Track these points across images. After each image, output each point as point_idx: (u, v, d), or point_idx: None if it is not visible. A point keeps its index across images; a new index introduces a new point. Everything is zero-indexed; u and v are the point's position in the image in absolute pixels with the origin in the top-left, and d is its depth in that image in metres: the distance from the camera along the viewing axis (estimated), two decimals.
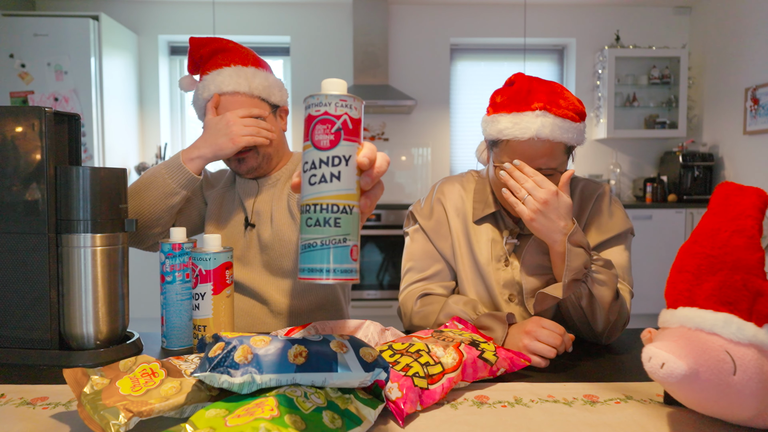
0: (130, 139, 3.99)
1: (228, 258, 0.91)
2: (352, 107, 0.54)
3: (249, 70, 1.20)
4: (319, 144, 0.53)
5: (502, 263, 1.10)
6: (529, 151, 0.99)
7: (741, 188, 0.66)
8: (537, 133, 0.96)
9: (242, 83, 1.18)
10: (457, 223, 1.14)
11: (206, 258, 0.88)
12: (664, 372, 0.60)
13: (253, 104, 1.19)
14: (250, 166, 1.22)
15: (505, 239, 1.10)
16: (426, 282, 1.14)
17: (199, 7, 4.11)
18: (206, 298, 0.89)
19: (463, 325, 0.92)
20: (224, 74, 1.18)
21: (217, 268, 0.89)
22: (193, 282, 0.90)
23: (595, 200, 1.12)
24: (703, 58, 4.09)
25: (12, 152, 0.86)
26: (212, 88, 1.18)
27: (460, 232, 1.14)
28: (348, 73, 4.15)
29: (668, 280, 0.69)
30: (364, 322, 0.89)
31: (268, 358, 0.61)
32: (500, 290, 1.10)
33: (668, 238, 3.65)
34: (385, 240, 3.57)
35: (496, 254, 1.10)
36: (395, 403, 0.65)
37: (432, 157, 4.27)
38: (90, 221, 0.87)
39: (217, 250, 0.89)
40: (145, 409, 0.59)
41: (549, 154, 0.99)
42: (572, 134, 1.00)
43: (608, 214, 1.10)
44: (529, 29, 4.18)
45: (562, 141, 0.99)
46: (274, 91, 1.23)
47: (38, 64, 3.40)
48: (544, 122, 0.97)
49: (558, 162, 1.01)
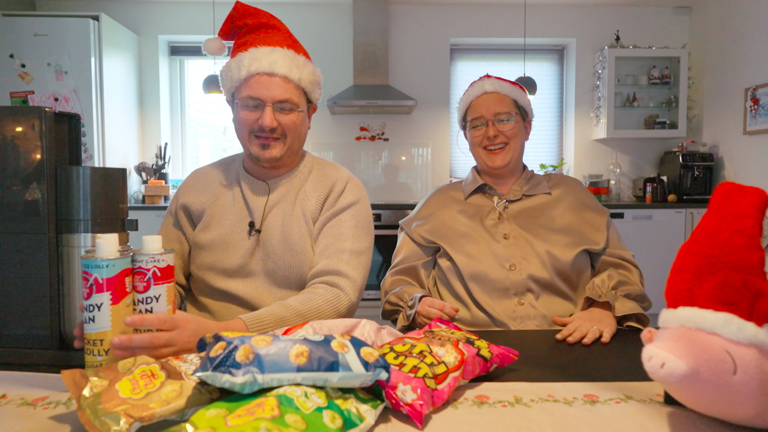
0: (130, 139, 3.99)
1: (127, 264, 0.79)
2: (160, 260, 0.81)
3: (301, 58, 1.15)
4: None
5: (497, 218, 1.33)
6: (485, 104, 1.34)
7: (741, 188, 0.66)
8: (485, 89, 1.35)
9: (294, 70, 1.12)
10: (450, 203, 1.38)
11: (102, 265, 0.76)
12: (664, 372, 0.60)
13: (297, 95, 1.14)
14: (273, 155, 1.15)
15: (496, 202, 1.35)
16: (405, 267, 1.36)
17: (199, 7, 4.11)
18: (103, 309, 0.76)
19: (446, 325, 0.93)
20: (278, 54, 1.11)
21: (115, 275, 0.77)
22: (86, 293, 0.76)
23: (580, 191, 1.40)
24: (703, 58, 4.09)
25: (12, 152, 0.86)
26: (264, 64, 1.10)
27: (454, 210, 1.36)
28: (348, 73, 4.15)
29: (668, 280, 0.69)
30: (360, 321, 0.89)
31: (270, 357, 0.61)
32: (499, 239, 1.30)
33: (668, 238, 3.65)
34: (384, 240, 3.57)
35: (491, 217, 1.33)
36: (412, 406, 0.65)
37: (432, 157, 4.27)
38: (90, 221, 0.87)
39: (113, 256, 0.77)
40: (146, 414, 0.59)
41: (501, 102, 1.34)
42: (514, 90, 1.37)
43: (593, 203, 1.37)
44: (529, 29, 4.18)
45: (507, 94, 1.35)
46: (316, 88, 1.20)
47: (38, 64, 3.40)
48: (489, 82, 1.36)
49: (509, 109, 1.34)
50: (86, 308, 0.76)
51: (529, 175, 1.40)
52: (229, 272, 1.18)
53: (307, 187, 1.23)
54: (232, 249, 1.18)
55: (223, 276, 1.18)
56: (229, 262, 1.17)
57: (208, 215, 1.22)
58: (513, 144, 1.33)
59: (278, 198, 1.21)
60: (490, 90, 1.34)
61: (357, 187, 1.25)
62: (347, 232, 1.17)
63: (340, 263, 1.13)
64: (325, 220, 1.19)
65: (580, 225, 1.30)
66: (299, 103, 1.15)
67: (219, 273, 1.19)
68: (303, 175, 1.24)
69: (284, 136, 1.14)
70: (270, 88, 1.10)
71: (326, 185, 1.22)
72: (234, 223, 1.20)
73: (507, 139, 1.33)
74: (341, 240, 1.16)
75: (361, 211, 1.22)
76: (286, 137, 1.15)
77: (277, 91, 1.11)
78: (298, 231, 1.17)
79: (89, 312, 0.76)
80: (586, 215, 1.32)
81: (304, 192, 1.22)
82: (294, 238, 1.16)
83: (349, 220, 1.19)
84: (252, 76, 1.11)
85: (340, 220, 1.19)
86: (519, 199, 1.35)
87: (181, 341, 0.81)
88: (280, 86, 1.11)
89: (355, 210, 1.21)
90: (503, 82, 1.36)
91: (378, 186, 4.29)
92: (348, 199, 1.21)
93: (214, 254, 1.19)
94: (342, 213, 1.20)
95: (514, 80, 1.44)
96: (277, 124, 1.13)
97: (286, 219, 1.18)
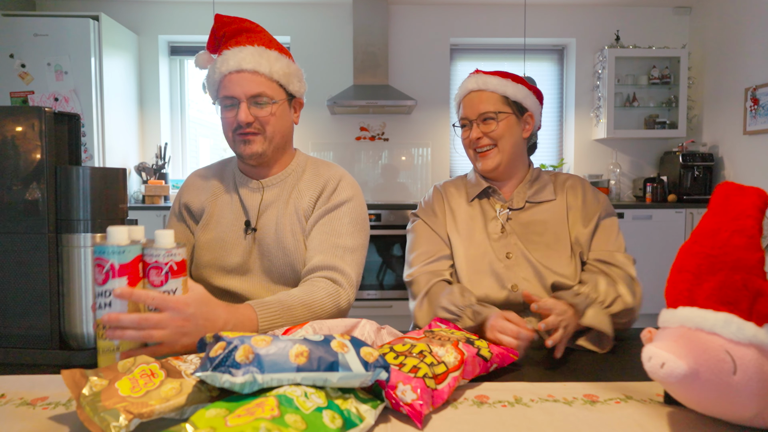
0: (130, 139, 3.98)
1: (139, 251, 0.80)
2: None
3: (272, 53, 1.17)
4: None
5: (499, 231, 1.23)
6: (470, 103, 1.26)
7: (741, 188, 0.66)
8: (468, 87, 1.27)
9: (263, 63, 1.15)
10: (455, 205, 1.29)
11: (117, 251, 0.77)
12: (664, 372, 0.60)
13: (271, 87, 1.16)
14: (254, 151, 1.17)
15: (498, 211, 1.25)
16: (435, 263, 1.22)
17: (199, 7, 4.11)
18: None
19: (446, 324, 0.93)
20: (246, 52, 1.15)
21: (131, 261, 0.78)
22: (102, 278, 0.77)
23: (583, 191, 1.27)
24: (703, 58, 4.09)
25: (12, 152, 0.86)
26: (231, 63, 1.14)
27: (459, 214, 1.27)
28: (348, 73, 4.15)
29: (668, 280, 0.69)
30: (360, 320, 0.89)
31: (270, 357, 0.61)
32: (501, 257, 1.20)
33: (668, 238, 3.65)
34: (384, 240, 3.57)
35: (492, 225, 1.24)
36: (412, 406, 0.65)
37: (432, 157, 4.27)
38: (90, 221, 0.87)
39: (126, 242, 0.78)
40: (145, 411, 0.59)
41: (485, 101, 1.24)
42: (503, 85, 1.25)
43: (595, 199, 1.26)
44: (529, 29, 4.18)
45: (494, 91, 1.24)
46: (293, 79, 1.21)
47: (38, 64, 3.40)
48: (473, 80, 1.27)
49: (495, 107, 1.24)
50: (102, 294, 0.76)
51: (534, 176, 1.29)
52: (227, 270, 1.22)
53: (301, 186, 1.24)
54: (230, 247, 1.21)
55: (222, 273, 1.22)
56: (228, 261, 1.21)
57: (207, 214, 1.25)
58: (502, 145, 1.23)
59: (272, 197, 1.23)
60: (474, 88, 1.26)
61: (351, 185, 1.25)
62: (342, 229, 1.18)
63: (336, 259, 1.14)
64: (318, 216, 1.20)
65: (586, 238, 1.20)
66: (274, 95, 1.17)
67: (218, 271, 1.22)
68: (297, 175, 1.26)
69: (263, 130, 1.17)
70: (240, 84, 1.14)
71: (319, 183, 1.24)
72: (231, 222, 1.23)
73: (493, 141, 1.23)
74: (336, 236, 1.17)
75: (356, 208, 1.22)
76: (265, 131, 1.17)
77: (248, 86, 1.14)
78: (290, 230, 1.19)
79: (105, 298, 0.76)
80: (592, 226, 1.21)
81: (298, 191, 1.24)
82: (287, 237, 1.18)
83: (344, 216, 1.20)
84: (224, 76, 1.15)
85: (335, 217, 1.19)
86: (523, 207, 1.25)
87: (174, 325, 0.78)
88: (251, 81, 1.14)
89: (349, 207, 1.21)
90: (490, 77, 1.26)
91: (378, 186, 4.29)
92: (342, 196, 1.22)
93: (213, 252, 1.22)
94: (336, 209, 1.20)
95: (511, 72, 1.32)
96: (254, 118, 1.15)
97: (280, 218, 1.20)
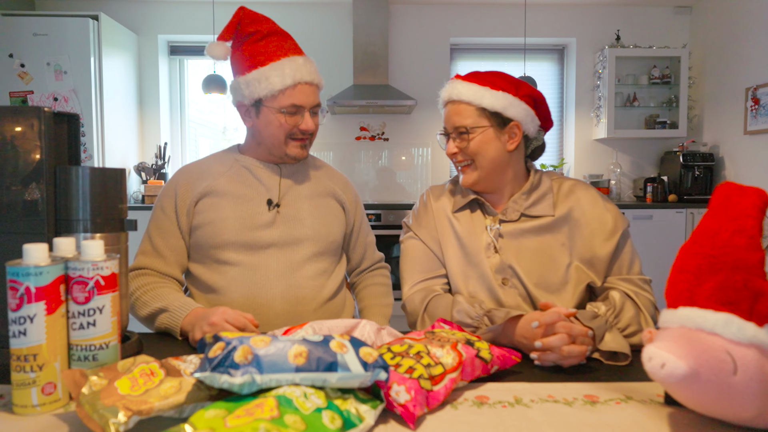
0: (130, 139, 3.98)
1: (61, 271, 0.72)
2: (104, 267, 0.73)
3: (313, 63, 1.26)
4: None
5: (492, 250, 1.12)
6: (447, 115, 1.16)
7: (741, 188, 0.66)
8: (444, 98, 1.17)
9: (315, 76, 1.24)
10: (443, 219, 1.19)
11: (34, 273, 0.69)
12: (664, 372, 0.60)
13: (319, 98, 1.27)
14: (307, 153, 1.30)
15: (489, 227, 1.14)
16: (429, 281, 1.17)
17: (199, 7, 4.11)
18: (37, 321, 0.70)
19: (449, 325, 0.93)
20: (299, 62, 1.21)
21: (50, 284, 0.70)
22: (16, 303, 0.69)
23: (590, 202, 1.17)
24: (703, 58, 4.09)
25: (11, 152, 0.86)
26: (305, 74, 1.20)
27: (447, 228, 1.18)
28: (348, 73, 4.15)
29: (668, 280, 0.68)
30: (360, 321, 0.89)
31: (269, 358, 0.61)
32: (494, 276, 1.11)
33: (668, 238, 3.65)
34: (384, 240, 3.56)
35: (484, 242, 1.13)
36: (404, 407, 0.65)
37: (432, 157, 4.27)
38: (90, 221, 0.87)
39: (45, 262, 0.71)
40: (144, 408, 0.59)
41: (459, 113, 1.13)
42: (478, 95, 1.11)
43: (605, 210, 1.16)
44: (529, 29, 4.18)
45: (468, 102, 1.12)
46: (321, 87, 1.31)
47: (38, 63, 3.40)
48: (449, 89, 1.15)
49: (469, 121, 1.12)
50: (15, 321, 0.69)
51: (534, 184, 1.16)
52: (247, 245, 1.22)
53: (320, 173, 1.38)
54: (251, 223, 1.23)
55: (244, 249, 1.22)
56: (248, 236, 1.22)
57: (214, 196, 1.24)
58: (479, 161, 1.11)
59: (291, 175, 1.32)
60: (446, 99, 1.15)
61: None
62: (367, 227, 1.48)
63: (376, 253, 1.54)
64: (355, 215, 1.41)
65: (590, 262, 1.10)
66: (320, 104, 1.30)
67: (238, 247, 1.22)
68: (306, 162, 1.37)
69: (312, 135, 1.29)
70: (309, 95, 1.23)
71: (341, 179, 1.42)
72: (251, 200, 1.25)
73: (468, 157, 1.12)
74: (369, 234, 1.49)
75: None
76: (313, 136, 1.29)
77: (314, 98, 1.25)
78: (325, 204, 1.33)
79: (19, 325, 0.69)
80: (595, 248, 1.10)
81: (318, 177, 1.36)
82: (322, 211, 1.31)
83: (364, 215, 1.46)
84: (296, 85, 1.21)
85: (362, 215, 1.45)
86: (518, 220, 1.13)
87: None
88: (316, 93, 1.26)
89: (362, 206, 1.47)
90: (465, 85, 1.12)
91: (377, 186, 4.29)
92: (358, 196, 1.45)
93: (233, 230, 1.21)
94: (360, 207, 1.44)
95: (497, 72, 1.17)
96: (315, 126, 1.27)
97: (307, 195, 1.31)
